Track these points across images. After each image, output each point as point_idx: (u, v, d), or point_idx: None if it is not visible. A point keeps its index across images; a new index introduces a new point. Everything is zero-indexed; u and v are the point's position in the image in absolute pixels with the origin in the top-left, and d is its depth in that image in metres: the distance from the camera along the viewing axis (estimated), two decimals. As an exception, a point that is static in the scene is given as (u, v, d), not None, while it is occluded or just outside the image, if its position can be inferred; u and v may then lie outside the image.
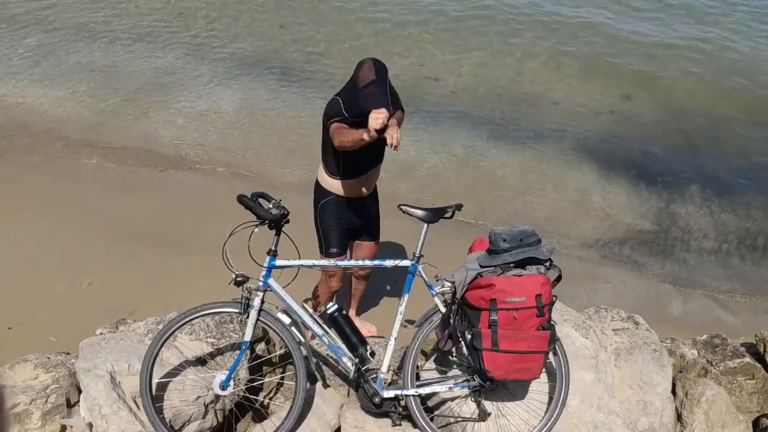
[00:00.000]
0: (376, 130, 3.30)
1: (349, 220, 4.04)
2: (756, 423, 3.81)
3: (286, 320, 3.29)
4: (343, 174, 3.86)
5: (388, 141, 3.34)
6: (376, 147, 3.81)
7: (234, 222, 3.18)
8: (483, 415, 3.34)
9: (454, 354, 3.54)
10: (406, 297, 3.36)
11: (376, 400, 3.32)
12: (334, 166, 3.86)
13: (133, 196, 6.25)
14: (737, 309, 5.46)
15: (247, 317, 3.24)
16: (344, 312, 3.40)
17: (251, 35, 9.43)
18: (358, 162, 3.84)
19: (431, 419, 3.42)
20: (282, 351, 3.80)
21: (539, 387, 3.50)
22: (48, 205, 6.01)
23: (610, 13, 10.25)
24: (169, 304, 4.49)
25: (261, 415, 3.56)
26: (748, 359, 3.99)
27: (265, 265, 3.26)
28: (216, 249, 3.24)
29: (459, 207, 3.49)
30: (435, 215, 3.40)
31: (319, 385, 3.58)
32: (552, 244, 3.33)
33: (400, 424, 3.39)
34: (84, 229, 5.68)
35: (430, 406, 3.53)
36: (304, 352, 3.31)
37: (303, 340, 3.31)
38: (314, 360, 3.44)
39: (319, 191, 4.01)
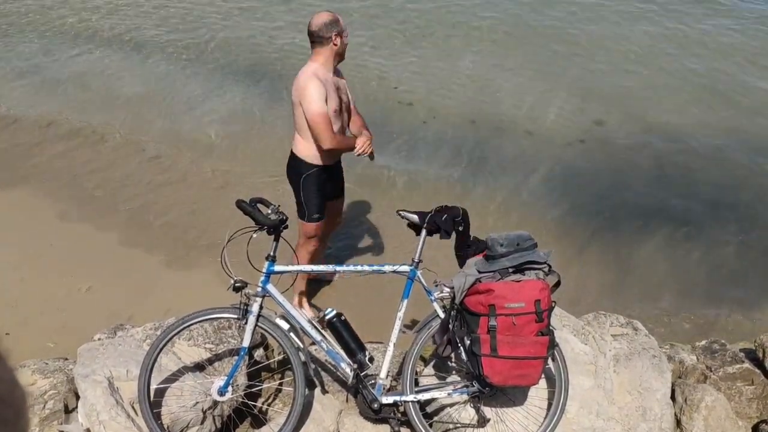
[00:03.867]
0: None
1: (329, 187, 4.41)
2: (755, 429, 3.80)
3: (285, 326, 3.28)
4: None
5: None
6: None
7: (233, 227, 3.19)
8: (482, 421, 3.33)
9: (453, 360, 3.53)
10: (405, 302, 3.36)
11: (375, 406, 3.31)
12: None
13: (132, 202, 6.24)
14: (735, 315, 5.44)
15: (246, 323, 3.24)
16: (343, 318, 3.40)
17: (244, 44, 9.39)
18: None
19: (430, 425, 3.41)
20: (280, 357, 3.80)
21: (538, 393, 3.50)
22: (47, 210, 6.01)
23: (592, 33, 9.97)
24: (168, 310, 4.49)
25: (259, 421, 3.55)
26: (747, 365, 3.99)
27: (264, 270, 3.25)
28: (215, 254, 3.24)
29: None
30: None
31: (317, 390, 3.58)
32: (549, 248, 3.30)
33: (399, 431, 3.38)
34: (83, 234, 5.68)
35: (428, 412, 3.52)
36: (303, 358, 3.30)
37: (301, 345, 3.31)
38: (313, 366, 3.43)
39: (301, 163, 4.22)
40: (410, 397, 3.33)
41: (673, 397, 3.71)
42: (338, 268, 3.61)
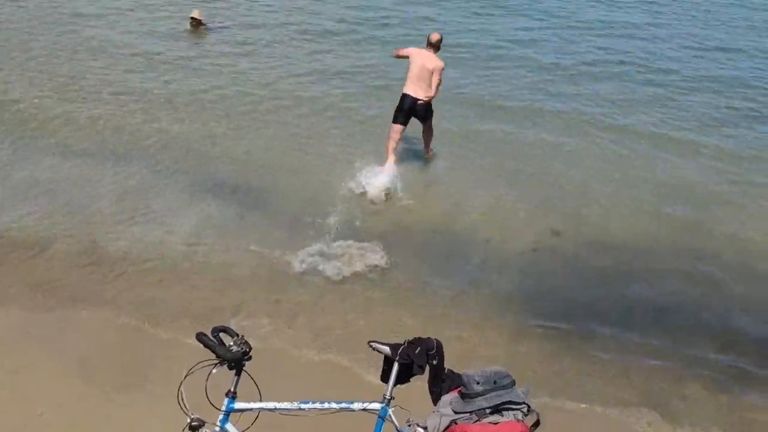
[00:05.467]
0: None
1: None
2: None
3: (244, 469, 3.03)
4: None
5: None
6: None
7: (191, 360, 3.01)
8: None
9: (426, 508, 3.25)
10: (375, 444, 3.13)
11: None
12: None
13: (92, 321, 6.00)
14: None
15: (201, 466, 2.98)
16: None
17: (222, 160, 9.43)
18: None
19: None
20: (239, 502, 3.48)
21: None
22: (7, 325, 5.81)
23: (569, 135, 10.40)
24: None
25: None
26: None
27: (223, 408, 3.05)
28: (172, 388, 3.04)
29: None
30: (406, 353, 3.23)
31: None
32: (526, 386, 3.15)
33: None
34: (41, 354, 5.44)
35: None
36: (262, 507, 3.03)
37: (261, 492, 3.04)
38: None
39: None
40: None
41: None
42: (303, 405, 3.36)
